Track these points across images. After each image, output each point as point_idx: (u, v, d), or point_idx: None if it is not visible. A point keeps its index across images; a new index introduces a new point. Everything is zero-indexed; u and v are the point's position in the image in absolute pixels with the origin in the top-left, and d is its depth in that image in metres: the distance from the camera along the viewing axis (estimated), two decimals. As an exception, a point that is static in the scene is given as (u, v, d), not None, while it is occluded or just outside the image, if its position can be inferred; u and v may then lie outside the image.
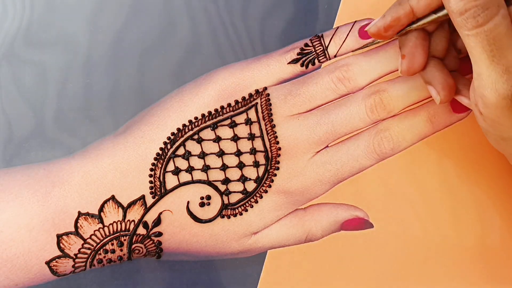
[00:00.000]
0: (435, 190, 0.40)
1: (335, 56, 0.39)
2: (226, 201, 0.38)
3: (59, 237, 0.35)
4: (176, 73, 0.40)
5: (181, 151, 0.37)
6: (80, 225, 0.36)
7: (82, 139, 0.39)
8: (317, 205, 0.39)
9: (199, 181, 0.37)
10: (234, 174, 0.38)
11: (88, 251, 0.36)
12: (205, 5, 0.40)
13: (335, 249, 0.40)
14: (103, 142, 0.38)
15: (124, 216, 0.36)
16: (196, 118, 0.37)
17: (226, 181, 0.37)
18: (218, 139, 0.37)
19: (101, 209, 0.36)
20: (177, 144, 0.37)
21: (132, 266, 0.39)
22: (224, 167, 0.37)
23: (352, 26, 0.38)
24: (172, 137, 0.37)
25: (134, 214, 0.36)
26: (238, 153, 0.37)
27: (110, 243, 0.36)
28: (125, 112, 0.39)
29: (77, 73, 0.40)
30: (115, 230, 0.36)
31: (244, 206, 0.38)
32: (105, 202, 0.36)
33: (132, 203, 0.36)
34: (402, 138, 0.38)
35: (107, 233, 0.36)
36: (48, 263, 0.35)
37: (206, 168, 0.37)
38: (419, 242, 0.40)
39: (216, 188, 0.37)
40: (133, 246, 0.37)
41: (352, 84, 0.38)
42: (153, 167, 0.37)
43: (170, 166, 0.37)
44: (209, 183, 0.37)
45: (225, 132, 0.37)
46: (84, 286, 0.39)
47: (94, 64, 0.40)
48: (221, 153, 0.37)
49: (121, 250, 0.36)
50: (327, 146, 0.38)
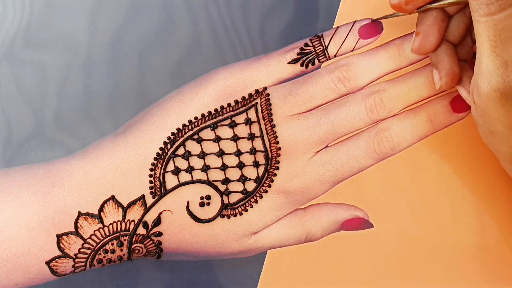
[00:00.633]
0: (434, 190, 0.40)
1: (335, 56, 0.39)
2: (226, 201, 0.38)
3: (59, 237, 0.35)
4: (176, 73, 0.40)
5: (181, 151, 0.37)
6: (80, 225, 0.36)
7: (82, 139, 0.39)
8: (317, 205, 0.39)
9: (199, 181, 0.37)
10: (234, 174, 0.38)
11: (88, 251, 0.36)
12: (205, 5, 0.40)
13: (335, 249, 0.40)
14: (103, 142, 0.38)
15: (124, 216, 0.36)
16: (196, 118, 0.37)
17: (226, 181, 0.37)
18: (218, 139, 0.37)
19: (101, 209, 0.36)
20: (177, 144, 0.37)
21: (132, 266, 0.39)
22: (224, 167, 0.37)
23: (352, 26, 0.38)
24: (172, 137, 0.37)
25: (134, 214, 0.36)
26: (238, 153, 0.37)
27: (110, 243, 0.36)
28: (125, 112, 0.39)
29: (77, 73, 0.40)
30: (115, 230, 0.36)
31: (244, 206, 0.38)
32: (105, 202, 0.36)
33: (132, 203, 0.36)
34: (402, 138, 0.38)
35: (107, 233, 0.36)
36: (48, 263, 0.35)
37: (206, 168, 0.37)
38: (419, 242, 0.40)
39: (216, 188, 0.37)
40: (133, 246, 0.37)
41: (352, 84, 0.38)
42: (153, 167, 0.37)
43: (170, 166, 0.37)
44: (209, 183, 0.37)
45: (225, 132, 0.37)
46: (84, 286, 0.39)
47: (94, 64, 0.40)
48: (221, 153, 0.37)
49: (121, 250, 0.36)
50: (327, 146, 0.38)
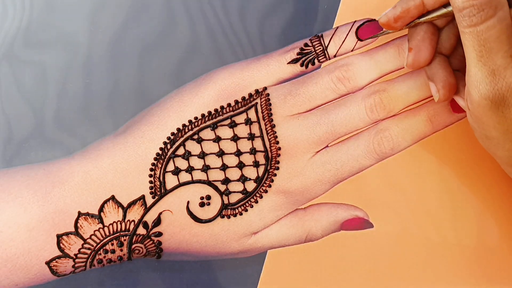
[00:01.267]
0: (434, 190, 0.40)
1: (334, 56, 0.39)
2: (226, 201, 0.38)
3: (59, 237, 0.35)
4: (176, 73, 0.40)
5: (181, 151, 0.37)
6: (80, 225, 0.36)
7: (82, 139, 0.39)
8: (317, 205, 0.39)
9: (199, 181, 0.37)
10: (234, 174, 0.38)
11: (88, 251, 0.36)
12: (204, 5, 0.40)
13: (335, 249, 0.40)
14: (103, 142, 0.38)
15: (124, 216, 0.36)
16: (196, 118, 0.37)
17: (226, 181, 0.37)
18: (218, 139, 0.37)
19: (101, 209, 0.36)
20: (177, 144, 0.37)
21: (132, 266, 0.39)
22: (224, 167, 0.37)
23: (352, 26, 0.38)
24: (172, 137, 0.37)
25: (134, 214, 0.36)
26: (238, 153, 0.37)
27: (110, 243, 0.36)
28: (125, 112, 0.39)
29: (77, 73, 0.40)
30: (115, 230, 0.36)
31: (244, 206, 0.38)
32: (105, 202, 0.36)
33: (132, 203, 0.36)
34: (402, 138, 0.38)
35: (107, 233, 0.36)
36: (48, 263, 0.35)
37: (206, 168, 0.37)
38: (419, 242, 0.40)
39: (216, 188, 0.37)
40: (133, 246, 0.37)
41: (352, 84, 0.38)
42: (153, 167, 0.37)
43: (170, 166, 0.37)
44: (209, 183, 0.37)
45: (225, 132, 0.37)
46: (84, 286, 0.39)
47: (94, 64, 0.40)
48: (221, 153, 0.37)
49: (121, 250, 0.36)
50: (327, 146, 0.38)
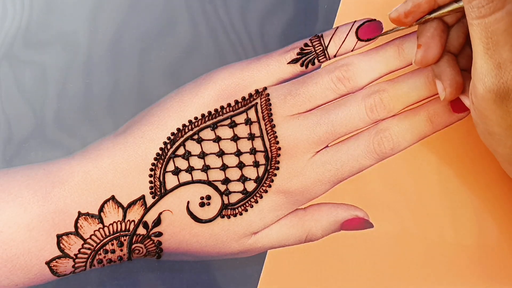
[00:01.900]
0: (434, 190, 0.40)
1: (334, 56, 0.39)
2: (226, 201, 0.38)
3: (59, 237, 0.35)
4: (176, 73, 0.40)
5: (181, 151, 0.37)
6: (80, 225, 0.36)
7: (82, 140, 0.39)
8: (317, 205, 0.39)
9: (199, 181, 0.37)
10: (234, 174, 0.38)
11: (88, 251, 0.36)
12: (204, 5, 0.40)
13: (335, 249, 0.40)
14: (103, 142, 0.38)
15: (124, 216, 0.36)
16: (196, 118, 0.37)
17: (226, 181, 0.37)
18: (218, 139, 0.37)
19: (101, 209, 0.36)
20: (177, 144, 0.37)
21: (132, 266, 0.39)
22: (224, 167, 0.37)
23: (352, 25, 0.38)
24: (172, 137, 0.37)
25: (134, 214, 0.36)
26: (238, 153, 0.37)
27: (110, 243, 0.36)
28: (125, 112, 0.39)
29: (77, 73, 0.40)
30: (115, 230, 0.36)
31: (244, 206, 0.38)
32: (105, 202, 0.36)
33: (132, 203, 0.36)
34: (402, 138, 0.38)
35: (107, 233, 0.36)
36: (48, 263, 0.35)
37: (206, 168, 0.37)
38: (419, 242, 0.40)
39: (216, 188, 0.37)
40: (133, 246, 0.37)
41: (352, 84, 0.38)
42: (153, 167, 0.37)
43: (170, 166, 0.37)
44: (209, 183, 0.37)
45: (225, 132, 0.37)
46: (84, 286, 0.39)
47: (94, 64, 0.40)
48: (221, 153, 0.37)
49: (121, 250, 0.36)
50: (327, 146, 0.38)
